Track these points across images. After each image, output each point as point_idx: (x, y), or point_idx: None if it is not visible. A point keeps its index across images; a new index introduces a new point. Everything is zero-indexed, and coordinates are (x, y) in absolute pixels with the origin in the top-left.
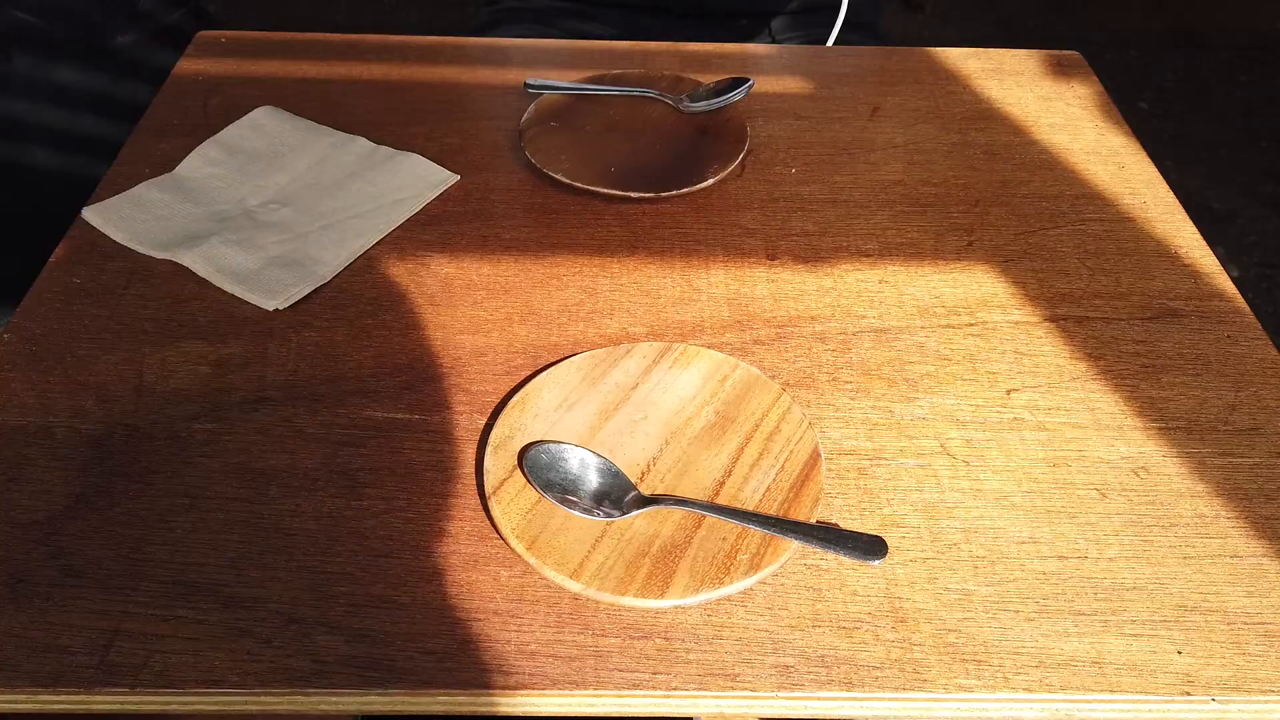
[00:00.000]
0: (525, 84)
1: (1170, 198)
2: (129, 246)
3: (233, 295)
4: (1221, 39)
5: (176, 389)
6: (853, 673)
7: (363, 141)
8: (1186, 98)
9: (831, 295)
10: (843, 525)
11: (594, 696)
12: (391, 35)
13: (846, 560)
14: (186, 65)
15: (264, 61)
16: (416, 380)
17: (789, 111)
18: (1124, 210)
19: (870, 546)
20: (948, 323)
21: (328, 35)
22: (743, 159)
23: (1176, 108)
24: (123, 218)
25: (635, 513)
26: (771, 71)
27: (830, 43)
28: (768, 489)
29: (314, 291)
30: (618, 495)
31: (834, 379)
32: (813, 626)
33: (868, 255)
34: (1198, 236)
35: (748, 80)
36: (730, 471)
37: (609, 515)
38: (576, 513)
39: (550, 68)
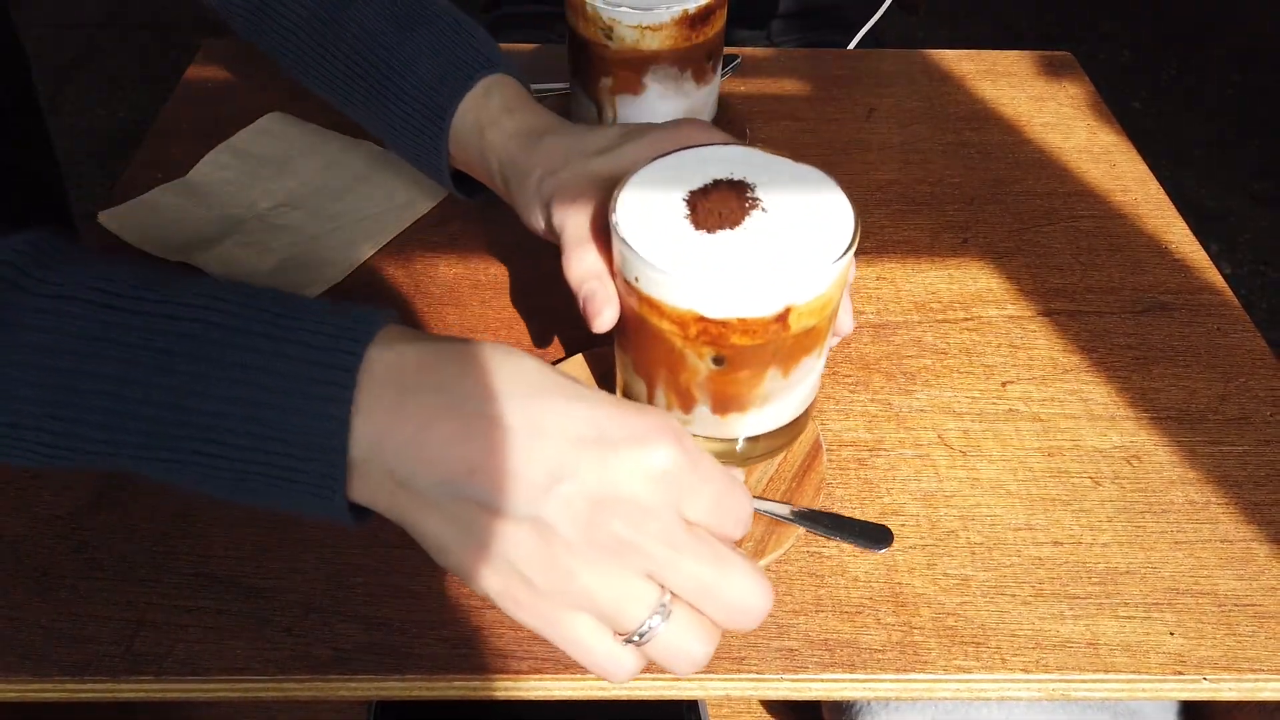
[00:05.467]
0: None
1: (1160, 194)
2: (144, 250)
3: None
4: (1214, 38)
5: None
6: (855, 655)
7: (370, 145)
8: (1180, 97)
9: None
10: (844, 514)
11: (604, 680)
12: None
13: (848, 547)
14: (196, 72)
15: (273, 68)
16: None
17: (787, 113)
18: (1115, 207)
19: (876, 534)
20: (944, 318)
21: None
22: None
23: (1170, 107)
24: (138, 222)
25: None
26: (769, 74)
27: (852, 45)
28: (771, 478)
29: (325, 292)
30: None
31: (834, 373)
32: (816, 611)
33: (865, 253)
34: (1187, 232)
35: (735, 58)
36: None
37: None
38: None
39: (550, 73)
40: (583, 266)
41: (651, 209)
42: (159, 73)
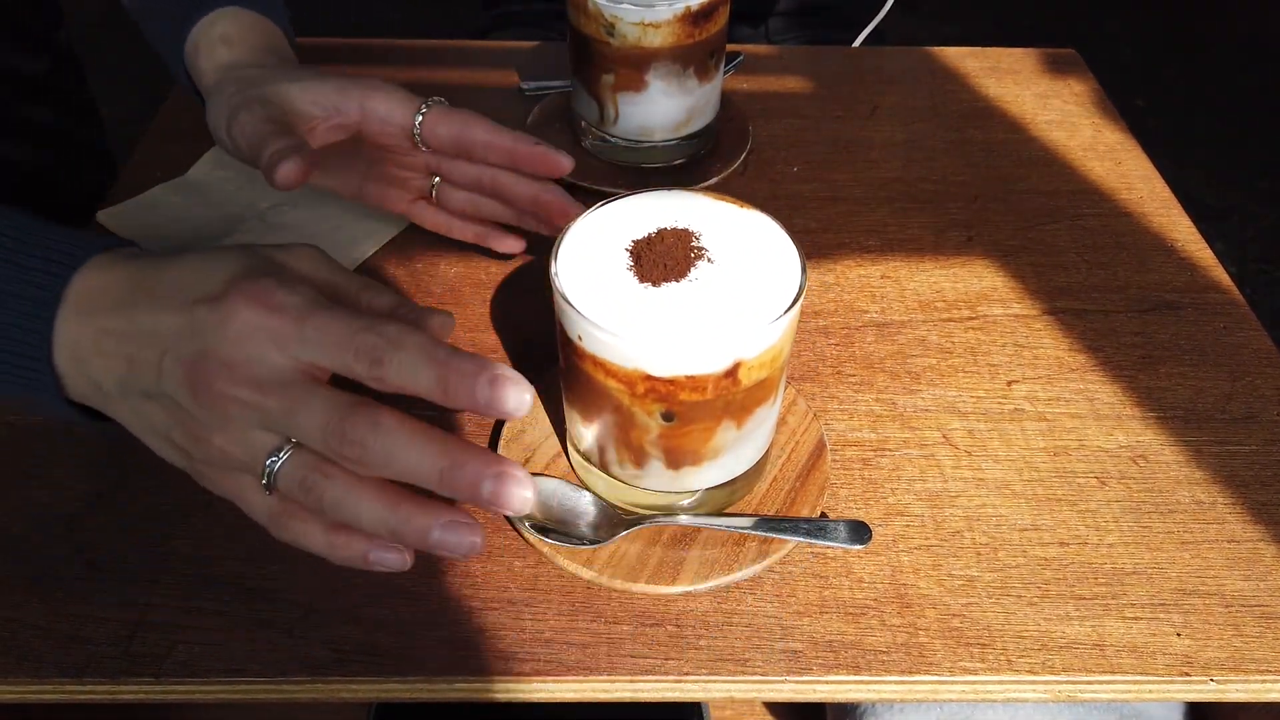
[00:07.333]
0: (519, 86)
1: (1166, 192)
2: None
3: None
4: (1218, 37)
5: None
6: (859, 657)
7: None
8: (1183, 96)
9: (834, 291)
10: (848, 515)
11: (607, 682)
12: (397, 39)
13: (851, 548)
14: None
15: None
16: None
17: (789, 111)
18: (1120, 205)
19: (854, 531)
20: (948, 316)
21: (334, 39)
22: (745, 158)
23: (1174, 106)
24: (137, 221)
25: (622, 534)
26: (771, 72)
27: (857, 43)
28: (774, 479)
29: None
30: (599, 521)
31: (838, 372)
32: (820, 613)
33: (869, 251)
34: (1193, 230)
35: (738, 55)
36: None
37: (595, 542)
38: (569, 544)
39: (551, 71)
40: (256, 123)
41: (593, 259)
42: (158, 71)
